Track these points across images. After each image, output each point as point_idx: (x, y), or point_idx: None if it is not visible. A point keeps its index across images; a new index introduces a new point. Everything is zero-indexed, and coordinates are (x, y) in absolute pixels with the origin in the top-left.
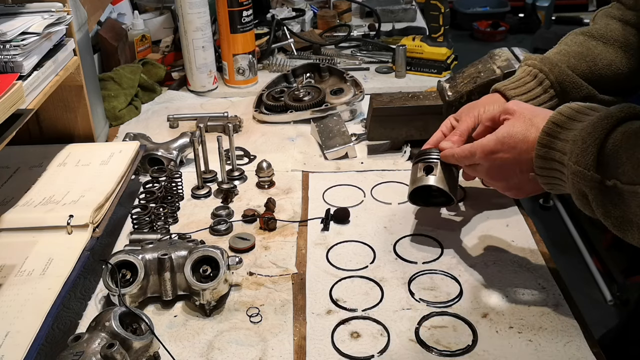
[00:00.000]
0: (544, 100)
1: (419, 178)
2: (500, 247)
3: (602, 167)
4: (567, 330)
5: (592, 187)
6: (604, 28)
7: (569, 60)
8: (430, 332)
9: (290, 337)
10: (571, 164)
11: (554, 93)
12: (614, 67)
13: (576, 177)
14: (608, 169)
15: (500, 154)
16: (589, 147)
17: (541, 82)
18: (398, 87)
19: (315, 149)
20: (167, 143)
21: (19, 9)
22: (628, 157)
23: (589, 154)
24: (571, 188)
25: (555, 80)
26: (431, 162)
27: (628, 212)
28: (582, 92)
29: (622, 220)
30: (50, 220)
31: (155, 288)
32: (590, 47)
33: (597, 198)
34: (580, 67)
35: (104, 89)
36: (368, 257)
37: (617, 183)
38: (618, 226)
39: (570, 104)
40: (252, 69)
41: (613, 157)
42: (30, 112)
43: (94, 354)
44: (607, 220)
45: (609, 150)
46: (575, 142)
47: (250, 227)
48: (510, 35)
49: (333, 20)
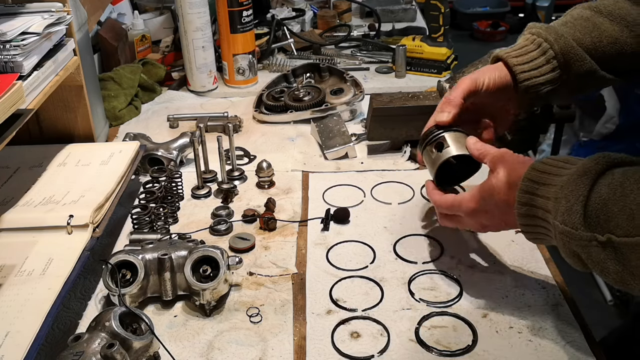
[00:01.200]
0: (546, 70)
1: (435, 158)
2: (500, 247)
3: (591, 224)
4: (567, 330)
5: (584, 245)
6: (612, 5)
7: (574, 32)
8: (430, 332)
9: (290, 337)
10: (557, 223)
11: (556, 64)
12: (618, 45)
13: (565, 237)
14: (599, 225)
15: (485, 216)
16: (573, 205)
17: (545, 52)
18: (398, 87)
19: (315, 149)
20: (167, 143)
21: (19, 9)
22: (619, 209)
23: (575, 213)
24: (561, 248)
25: (559, 50)
26: (438, 138)
27: (628, 266)
28: (585, 66)
29: (622, 275)
30: (50, 220)
31: (155, 288)
32: (596, 22)
33: (591, 256)
34: (584, 41)
35: (104, 89)
36: (368, 257)
37: (611, 237)
38: (619, 281)
39: (543, 159)
40: (252, 69)
41: (603, 211)
42: (30, 112)
43: (94, 354)
44: (606, 277)
45: (596, 205)
46: (557, 199)
47: (250, 227)
48: (510, 35)
49: (333, 20)
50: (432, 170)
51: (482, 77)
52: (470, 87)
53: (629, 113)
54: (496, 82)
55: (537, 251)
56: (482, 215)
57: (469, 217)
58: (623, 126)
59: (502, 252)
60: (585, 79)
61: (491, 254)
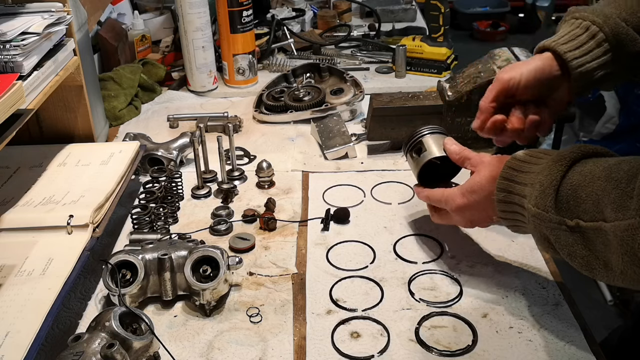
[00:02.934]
0: (597, 55)
1: (416, 162)
2: (500, 247)
3: (561, 209)
4: (567, 330)
5: (553, 228)
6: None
7: (620, 13)
8: (430, 332)
9: (290, 337)
10: (530, 206)
11: (608, 47)
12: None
13: (536, 219)
14: (569, 209)
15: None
16: (546, 189)
17: (594, 35)
18: (398, 87)
19: (315, 149)
20: (167, 143)
21: (19, 9)
22: (587, 194)
23: (547, 196)
24: (532, 231)
25: (610, 32)
26: (416, 142)
27: (594, 250)
28: (637, 46)
29: (588, 259)
30: (50, 220)
31: (155, 288)
32: None
33: (559, 239)
34: (632, 20)
35: (104, 89)
36: (368, 257)
37: (579, 222)
38: (585, 265)
39: (525, 150)
40: (252, 69)
41: (573, 197)
42: (30, 112)
43: (94, 354)
44: (573, 261)
45: (567, 191)
46: (533, 185)
47: (250, 227)
48: (510, 35)
49: (333, 20)
50: (415, 173)
51: (517, 74)
52: (502, 88)
53: (629, 113)
54: (535, 75)
55: (537, 251)
56: (469, 210)
57: (456, 213)
58: (623, 126)
59: (502, 252)
60: (638, 59)
61: (491, 254)
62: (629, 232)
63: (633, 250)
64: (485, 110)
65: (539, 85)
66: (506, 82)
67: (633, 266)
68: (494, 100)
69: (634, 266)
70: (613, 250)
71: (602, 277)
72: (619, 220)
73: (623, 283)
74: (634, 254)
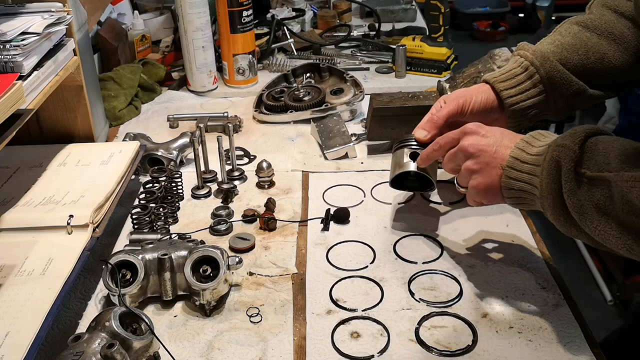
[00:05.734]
0: (532, 94)
1: (405, 163)
2: (500, 247)
3: (583, 159)
4: (567, 330)
5: (571, 159)
6: (598, 19)
7: (561, 52)
8: (430, 332)
9: (290, 337)
10: (558, 139)
11: (542, 88)
12: (606, 60)
13: (559, 148)
14: (591, 160)
15: (486, 139)
16: (577, 132)
17: (531, 76)
18: (398, 87)
19: (315, 149)
20: (167, 143)
21: (19, 9)
22: (604, 147)
23: (578, 135)
24: (547, 162)
25: (545, 75)
26: (417, 148)
27: (592, 199)
28: (572, 88)
29: (580, 206)
30: (50, 220)
31: (155, 288)
32: (583, 38)
33: (573, 192)
34: (572, 60)
35: (104, 89)
36: (368, 257)
37: (586, 172)
38: (577, 210)
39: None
40: (252, 69)
41: (594, 151)
42: (30, 112)
43: (94, 354)
44: (569, 199)
45: (590, 145)
46: (556, 140)
47: (250, 227)
48: (510, 35)
49: (333, 20)
50: (394, 170)
51: (469, 99)
52: (456, 109)
53: (629, 113)
54: (482, 105)
55: (538, 251)
56: (483, 138)
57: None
58: (623, 126)
59: (502, 252)
60: (574, 99)
61: (491, 254)
62: (630, 182)
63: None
64: (438, 127)
65: (484, 113)
66: (460, 106)
67: (632, 216)
68: (447, 119)
69: (632, 216)
70: (616, 202)
71: (590, 229)
72: (624, 171)
73: (625, 243)
74: (632, 203)
